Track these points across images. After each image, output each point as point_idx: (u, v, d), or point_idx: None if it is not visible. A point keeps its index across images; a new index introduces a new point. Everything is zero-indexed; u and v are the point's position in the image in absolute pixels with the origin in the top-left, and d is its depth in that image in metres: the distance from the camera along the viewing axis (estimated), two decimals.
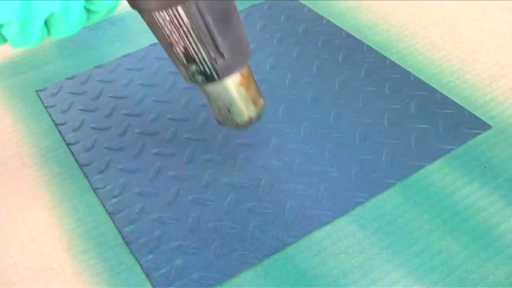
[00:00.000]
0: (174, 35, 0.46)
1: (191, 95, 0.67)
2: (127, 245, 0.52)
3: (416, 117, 0.62)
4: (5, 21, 0.39)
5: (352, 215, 0.53)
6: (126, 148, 0.61)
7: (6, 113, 0.68)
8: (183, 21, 0.44)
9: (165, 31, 0.46)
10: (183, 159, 0.60)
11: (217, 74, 0.48)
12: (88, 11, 0.46)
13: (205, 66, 0.47)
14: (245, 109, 0.53)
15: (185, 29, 0.45)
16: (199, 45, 0.46)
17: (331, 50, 0.72)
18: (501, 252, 0.50)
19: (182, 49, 0.47)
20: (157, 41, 0.76)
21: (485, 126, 0.60)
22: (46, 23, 0.43)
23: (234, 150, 0.60)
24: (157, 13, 0.44)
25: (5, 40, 0.43)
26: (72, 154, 0.61)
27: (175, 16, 0.44)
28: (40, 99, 0.69)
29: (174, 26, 0.45)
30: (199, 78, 0.49)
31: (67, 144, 0.63)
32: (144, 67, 0.72)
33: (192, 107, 0.66)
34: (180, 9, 0.44)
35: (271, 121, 0.63)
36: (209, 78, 0.49)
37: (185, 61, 0.48)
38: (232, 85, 0.50)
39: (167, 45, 0.47)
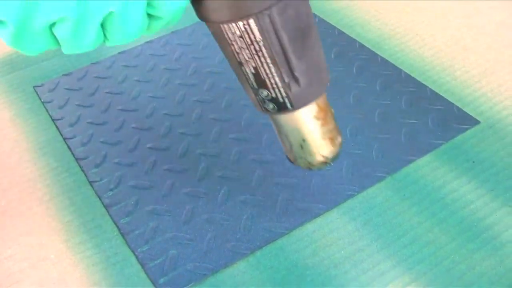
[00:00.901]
0: (244, 52, 0.40)
1: (185, 91, 0.68)
2: (123, 237, 0.53)
3: (406, 113, 0.63)
4: (57, 18, 0.36)
5: (343, 207, 0.54)
6: (122, 142, 0.62)
7: (4, 109, 0.69)
8: (254, 36, 0.39)
9: (234, 48, 0.40)
10: (177, 153, 0.61)
11: (291, 103, 0.42)
12: (149, 17, 0.40)
13: (277, 93, 0.42)
14: (319, 147, 0.46)
15: (257, 47, 0.39)
16: (272, 66, 0.40)
17: (324, 47, 0.73)
18: (487, 243, 0.51)
19: (253, 70, 0.41)
20: (152, 39, 0.77)
21: (473, 122, 0.61)
22: (103, 26, 0.38)
23: (228, 144, 0.61)
24: (225, 26, 0.38)
25: (57, 43, 0.39)
26: (69, 148, 0.63)
27: (246, 30, 0.38)
28: (38, 95, 0.70)
29: (245, 42, 0.39)
30: (270, 106, 0.43)
31: (64, 139, 0.64)
32: (139, 63, 0.73)
33: (186, 102, 0.67)
34: (252, 22, 0.38)
35: (264, 116, 0.64)
36: (281, 107, 0.43)
37: (255, 84, 0.42)
38: (307, 117, 0.44)
39: (236, 64, 0.41)
